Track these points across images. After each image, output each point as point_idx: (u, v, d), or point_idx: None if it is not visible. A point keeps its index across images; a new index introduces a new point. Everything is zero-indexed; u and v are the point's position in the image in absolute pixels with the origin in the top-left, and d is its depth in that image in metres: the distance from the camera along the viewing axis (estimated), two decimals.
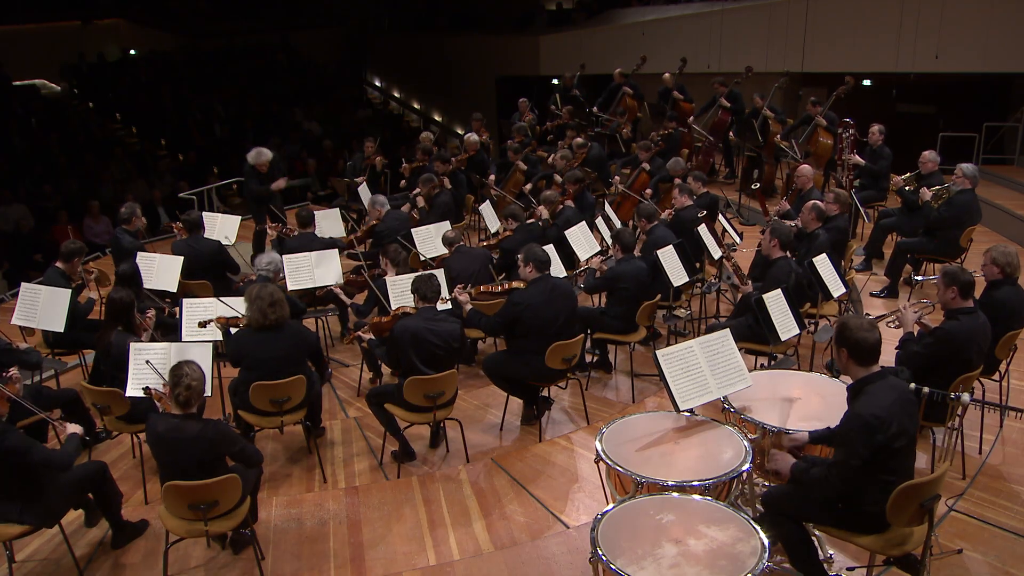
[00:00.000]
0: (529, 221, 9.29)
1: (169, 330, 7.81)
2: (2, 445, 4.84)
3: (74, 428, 5.32)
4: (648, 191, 11.13)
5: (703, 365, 5.01)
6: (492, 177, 12.31)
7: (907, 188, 9.52)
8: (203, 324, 6.73)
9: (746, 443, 4.57)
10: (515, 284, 6.95)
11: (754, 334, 6.81)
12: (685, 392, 4.91)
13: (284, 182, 11.11)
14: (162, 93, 22.22)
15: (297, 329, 6.38)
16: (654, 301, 7.68)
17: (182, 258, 8.52)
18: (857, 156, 10.61)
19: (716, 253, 8.28)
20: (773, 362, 6.70)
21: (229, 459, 5.05)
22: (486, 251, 8.44)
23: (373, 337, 6.93)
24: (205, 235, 9.29)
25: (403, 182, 12.29)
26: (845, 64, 14.01)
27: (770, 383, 5.28)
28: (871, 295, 9.05)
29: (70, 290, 7.58)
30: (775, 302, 6.34)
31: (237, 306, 6.84)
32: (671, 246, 7.92)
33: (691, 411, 4.93)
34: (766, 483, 4.96)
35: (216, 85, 23.26)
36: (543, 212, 9.30)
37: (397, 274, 7.64)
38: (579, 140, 12.61)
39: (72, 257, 7.99)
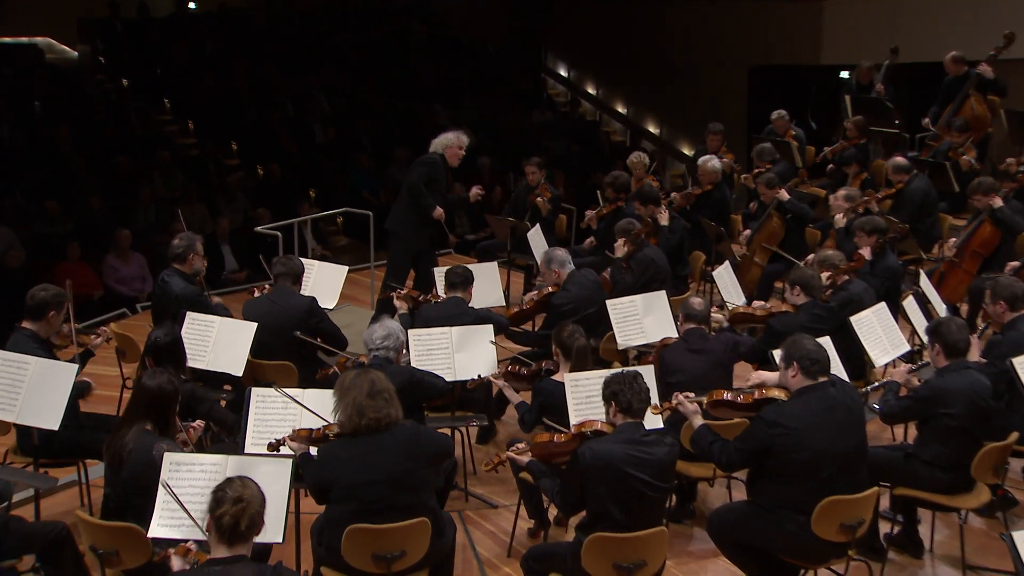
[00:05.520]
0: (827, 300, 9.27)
1: (226, 430, 8.10)
2: None
3: None
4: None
5: None
6: (745, 234, 12.29)
7: None
8: (275, 446, 6.81)
9: None
10: (770, 393, 6.94)
11: None
12: None
13: (443, 213, 11.62)
14: (235, 72, 22.72)
15: (414, 433, 6.52)
16: (1006, 443, 7.46)
17: (255, 325, 8.83)
18: None
19: None
20: None
21: None
22: (733, 347, 8.42)
23: (534, 460, 7.03)
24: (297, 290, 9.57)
25: (589, 230, 12.45)
26: None
27: None
28: None
29: (76, 366, 7.74)
30: None
31: (322, 406, 7.05)
32: None
33: None
34: None
35: (318, 65, 23.88)
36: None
37: (572, 370, 7.76)
38: (899, 160, 12.49)
39: (44, 311, 8.05)
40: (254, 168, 19.99)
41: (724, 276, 10.58)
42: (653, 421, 7.07)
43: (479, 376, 8.43)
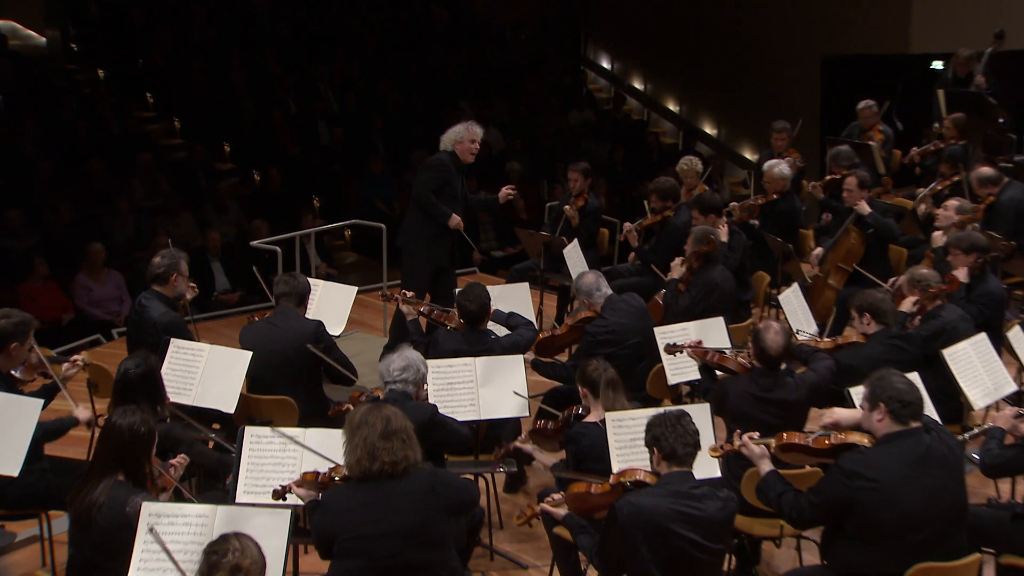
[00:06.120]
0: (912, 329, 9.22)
1: (212, 476, 8.06)
2: None
3: None
4: None
5: None
6: (816, 252, 12.17)
7: None
8: (280, 494, 6.79)
9: None
10: (850, 437, 6.87)
11: None
12: None
13: (461, 221, 11.51)
14: (229, 62, 22.72)
15: (432, 479, 6.47)
16: None
17: (249, 354, 8.83)
18: None
19: None
20: None
21: None
22: (813, 391, 8.34)
23: (571, 513, 6.99)
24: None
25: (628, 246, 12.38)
26: None
27: None
28: None
29: (40, 401, 7.69)
30: None
31: (330, 447, 7.03)
32: None
33: None
34: None
35: (325, 55, 23.88)
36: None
37: (606, 408, 7.72)
38: (984, 172, 12.32)
39: (5, 343, 7.98)
40: (250, 174, 20.02)
41: (792, 300, 10.51)
42: (709, 468, 7.04)
43: (504, 445, 8.27)
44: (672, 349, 9.03)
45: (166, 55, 22.79)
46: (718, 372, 8.69)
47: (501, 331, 9.64)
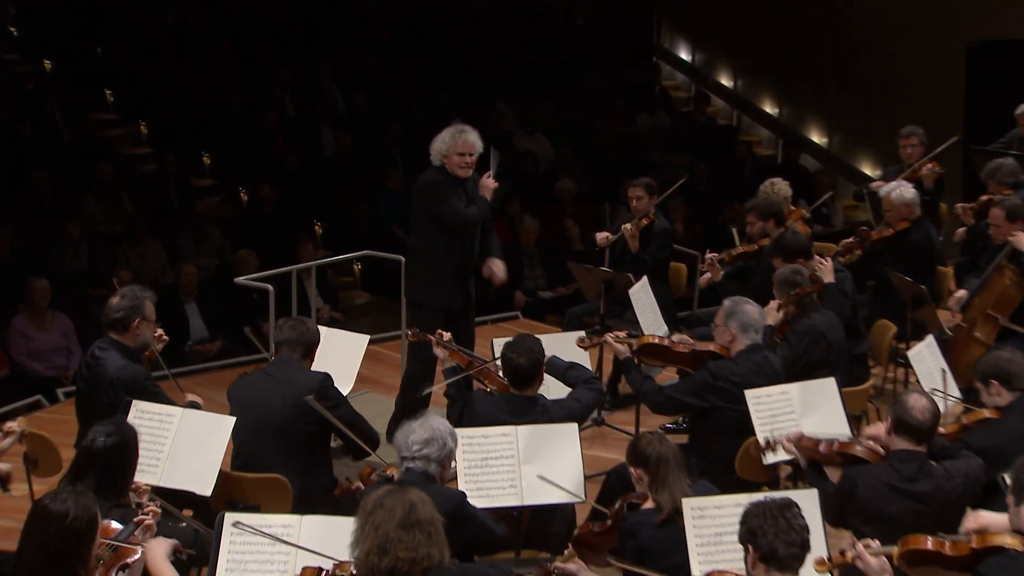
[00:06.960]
0: None
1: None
2: None
3: None
4: None
5: None
6: (959, 295, 12.01)
7: None
8: None
9: None
10: (996, 540, 6.72)
11: None
12: None
13: (502, 268, 11.46)
14: (213, 53, 22.99)
15: None
16: None
17: (232, 420, 8.77)
18: None
19: None
20: None
21: None
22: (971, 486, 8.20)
23: None
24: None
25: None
26: None
27: None
28: None
29: None
30: None
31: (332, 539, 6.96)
32: None
33: None
34: None
35: (330, 44, 24.14)
36: None
37: (658, 487, 7.66)
38: None
39: None
40: (235, 191, 20.11)
41: (926, 357, 10.37)
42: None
43: (542, 565, 8.05)
44: (765, 447, 8.78)
45: (132, 43, 22.95)
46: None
47: (556, 386, 9.52)
